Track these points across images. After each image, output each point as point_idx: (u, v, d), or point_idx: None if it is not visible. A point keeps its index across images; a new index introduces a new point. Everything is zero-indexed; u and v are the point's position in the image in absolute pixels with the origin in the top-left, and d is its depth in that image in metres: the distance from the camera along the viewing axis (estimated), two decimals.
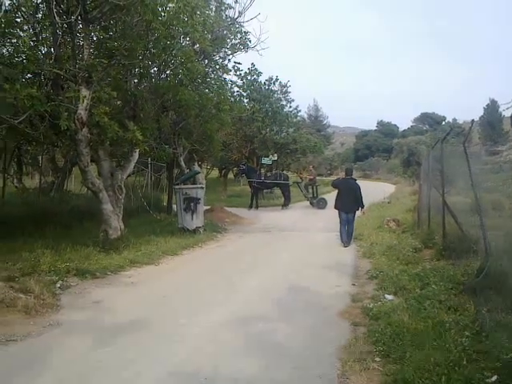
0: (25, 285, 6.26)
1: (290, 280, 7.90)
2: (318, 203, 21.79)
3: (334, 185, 12.68)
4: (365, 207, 12.38)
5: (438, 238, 9.47)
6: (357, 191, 11.59)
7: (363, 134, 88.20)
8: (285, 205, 22.10)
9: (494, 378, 3.68)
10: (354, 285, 7.66)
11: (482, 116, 65.66)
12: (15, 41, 8.20)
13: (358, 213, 11.98)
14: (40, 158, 17.75)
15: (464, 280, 6.52)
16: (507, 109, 4.19)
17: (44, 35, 9.07)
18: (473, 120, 7.87)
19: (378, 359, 4.42)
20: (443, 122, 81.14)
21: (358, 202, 11.63)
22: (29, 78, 9.46)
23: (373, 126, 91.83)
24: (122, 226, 10.33)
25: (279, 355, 4.64)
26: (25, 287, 6.19)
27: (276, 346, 4.91)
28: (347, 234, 11.60)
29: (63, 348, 4.74)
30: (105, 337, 5.07)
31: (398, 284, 6.88)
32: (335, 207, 11.89)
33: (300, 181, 24.22)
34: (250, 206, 21.42)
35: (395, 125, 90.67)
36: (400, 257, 8.84)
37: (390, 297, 6.41)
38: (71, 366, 4.30)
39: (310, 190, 23.26)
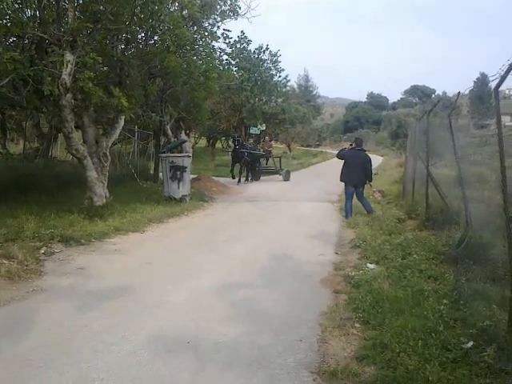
0: (8, 251, 6.23)
1: (274, 248, 7.97)
2: (286, 175, 21.69)
3: (341, 155, 11.42)
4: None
5: (422, 209, 9.60)
6: (368, 164, 11.11)
7: (353, 106, 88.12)
8: (248, 178, 21.09)
9: (470, 343, 3.77)
10: (337, 253, 7.75)
11: (472, 89, 65.64)
12: None
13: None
14: (24, 123, 17.43)
15: (445, 250, 6.66)
16: (492, 81, 4.19)
17: None
18: (459, 92, 7.86)
19: (357, 325, 4.51)
20: (433, 95, 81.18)
21: (367, 175, 11.18)
22: (12, 41, 9.25)
23: (363, 98, 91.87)
24: (108, 194, 10.28)
25: (261, 320, 4.71)
26: (8, 253, 6.16)
27: (259, 311, 4.98)
28: (365, 208, 10.95)
29: (47, 312, 4.76)
30: (89, 302, 5.09)
31: (380, 253, 6.97)
32: (341, 180, 11.23)
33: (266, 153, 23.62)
34: (239, 181, 19.56)
35: (385, 97, 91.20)
36: (383, 227, 8.93)
37: (371, 265, 6.50)
38: (55, 330, 4.33)
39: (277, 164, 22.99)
